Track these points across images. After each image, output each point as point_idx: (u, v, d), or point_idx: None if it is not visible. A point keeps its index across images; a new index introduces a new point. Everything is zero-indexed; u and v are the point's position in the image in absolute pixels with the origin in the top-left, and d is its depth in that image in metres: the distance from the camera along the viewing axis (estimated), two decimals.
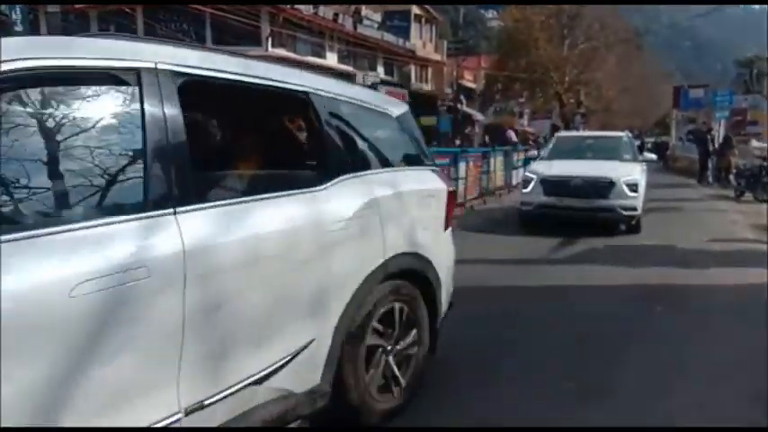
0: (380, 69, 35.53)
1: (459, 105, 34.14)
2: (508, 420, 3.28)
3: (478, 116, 42.04)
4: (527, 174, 10.33)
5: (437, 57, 42.47)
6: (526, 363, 4.12)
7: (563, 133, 13.60)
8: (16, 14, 20.99)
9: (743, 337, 4.68)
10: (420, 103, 33.26)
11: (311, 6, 27.76)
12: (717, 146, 20.21)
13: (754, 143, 17.88)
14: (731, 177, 16.99)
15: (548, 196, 9.47)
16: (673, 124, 38.97)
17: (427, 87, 40.55)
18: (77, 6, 25.11)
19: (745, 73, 51.01)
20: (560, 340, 4.58)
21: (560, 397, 3.56)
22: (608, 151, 10.74)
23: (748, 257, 7.73)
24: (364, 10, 33.93)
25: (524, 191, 9.98)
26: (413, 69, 39.90)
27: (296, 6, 26.68)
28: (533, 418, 3.30)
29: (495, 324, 4.90)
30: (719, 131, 25.13)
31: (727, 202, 14.56)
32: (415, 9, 39.36)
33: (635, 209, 9.29)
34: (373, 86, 29.83)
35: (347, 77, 29.80)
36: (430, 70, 42.62)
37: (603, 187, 9.22)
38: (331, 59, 31.00)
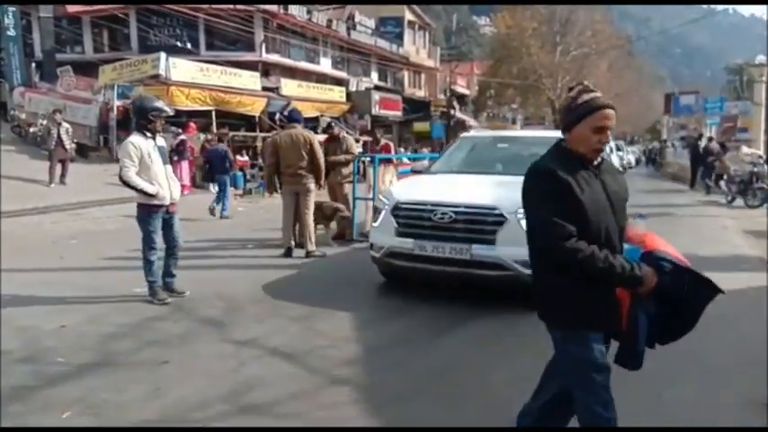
0: (374, 75, 35.65)
1: (452, 111, 34.24)
2: (508, 420, 3.30)
3: (471, 122, 42.20)
4: (380, 197, 6.42)
5: (430, 63, 42.66)
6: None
7: (470, 133, 8.70)
8: (9, 19, 21.00)
9: (744, 340, 4.72)
10: (414, 109, 33.42)
11: (305, 12, 27.82)
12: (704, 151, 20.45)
13: (745, 149, 18.03)
14: (722, 183, 17.13)
15: (401, 237, 5.61)
16: (664, 130, 39.26)
17: (420, 93, 40.72)
18: (70, 11, 25.07)
19: (734, 79, 51.44)
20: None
21: None
22: (528, 162, 5.55)
23: (741, 262, 7.79)
24: (358, 16, 34.04)
25: (374, 225, 6.20)
26: (406, 75, 40.05)
27: (289, 12, 26.73)
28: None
29: None
30: (709, 137, 25.44)
31: (719, 208, 14.66)
32: (409, 15, 39.55)
33: None
34: (367, 92, 29.98)
35: (341, 83, 29.90)
36: (423, 76, 42.80)
37: (486, 224, 5.33)
38: (325, 65, 31.07)
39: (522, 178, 6.00)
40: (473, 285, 5.59)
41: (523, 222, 5.01)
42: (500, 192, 5.54)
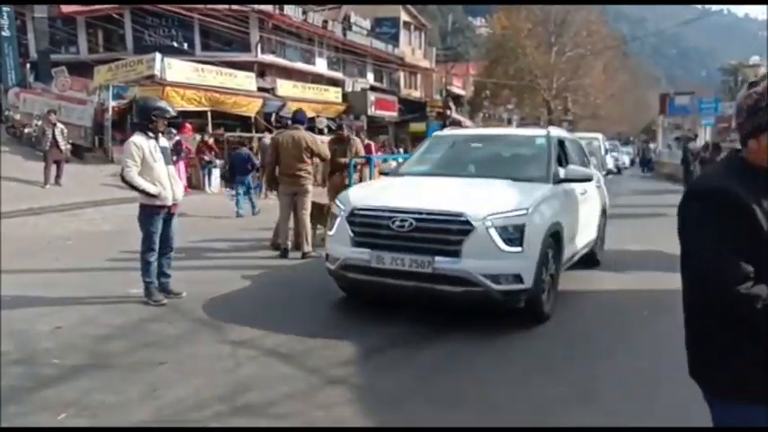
0: (370, 76, 35.62)
1: (448, 112, 34.27)
2: (507, 420, 3.31)
3: (467, 122, 42.25)
4: (336, 202, 5.62)
5: (426, 63, 42.66)
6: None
7: (444, 131, 8.13)
8: (3, 19, 20.91)
9: None
10: (409, 110, 33.44)
11: (300, 12, 27.80)
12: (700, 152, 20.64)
13: None
14: None
15: (358, 247, 4.98)
16: (659, 131, 39.36)
17: (416, 94, 40.71)
18: (65, 11, 24.98)
19: (729, 80, 51.65)
20: (552, 343, 4.62)
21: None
22: (504, 164, 6.21)
23: None
24: (353, 16, 34.04)
25: (329, 233, 5.52)
26: (402, 76, 40.04)
27: (285, 12, 26.71)
28: (532, 418, 3.33)
29: None
30: (704, 138, 25.61)
31: None
32: (404, 16, 39.56)
33: (517, 279, 4.71)
34: (362, 92, 29.98)
35: (336, 84, 29.89)
36: (419, 77, 42.80)
37: (450, 233, 4.68)
38: (320, 66, 31.05)
39: (496, 181, 5.38)
40: (438, 302, 5.02)
41: (492, 231, 4.60)
42: (468, 196, 5.03)
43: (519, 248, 4.68)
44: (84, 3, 24.94)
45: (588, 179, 6.15)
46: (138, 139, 5.37)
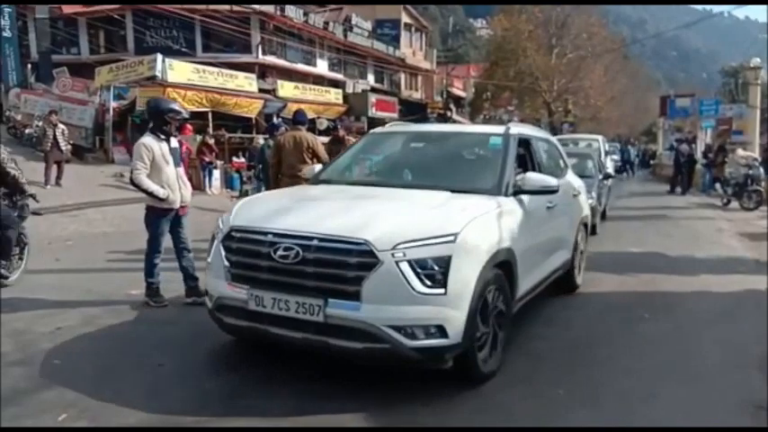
0: (371, 77, 35.67)
1: (448, 113, 34.29)
2: (508, 420, 3.31)
3: (467, 124, 42.31)
4: (220, 220, 4.19)
5: (427, 65, 42.74)
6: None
7: (385, 128, 6.35)
8: (5, 20, 20.95)
9: (741, 341, 4.74)
10: (410, 111, 33.47)
11: (301, 14, 27.86)
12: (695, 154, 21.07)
13: (740, 152, 18.08)
14: (717, 186, 17.22)
15: (235, 282, 3.76)
16: (660, 133, 39.35)
17: (417, 95, 40.76)
18: (66, 12, 25.03)
19: (729, 82, 51.61)
20: (552, 344, 4.62)
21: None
22: (447, 170, 4.89)
23: (738, 264, 7.83)
24: (354, 18, 34.10)
25: (208, 260, 4.09)
26: (403, 77, 40.10)
27: (286, 14, 26.76)
28: (532, 418, 3.33)
29: None
30: (704, 140, 25.66)
31: (714, 211, 14.73)
32: (405, 18, 39.65)
33: (440, 332, 3.43)
34: (363, 93, 30.01)
35: (337, 85, 29.92)
36: (420, 78, 42.87)
37: (347, 268, 3.42)
38: (321, 67, 31.09)
39: (429, 193, 4.18)
40: (334, 359, 3.69)
41: (404, 265, 3.33)
42: (380, 216, 3.70)
43: (441, 290, 3.41)
44: (85, 3, 24.99)
45: (550, 191, 4.64)
46: (148, 140, 5.30)
